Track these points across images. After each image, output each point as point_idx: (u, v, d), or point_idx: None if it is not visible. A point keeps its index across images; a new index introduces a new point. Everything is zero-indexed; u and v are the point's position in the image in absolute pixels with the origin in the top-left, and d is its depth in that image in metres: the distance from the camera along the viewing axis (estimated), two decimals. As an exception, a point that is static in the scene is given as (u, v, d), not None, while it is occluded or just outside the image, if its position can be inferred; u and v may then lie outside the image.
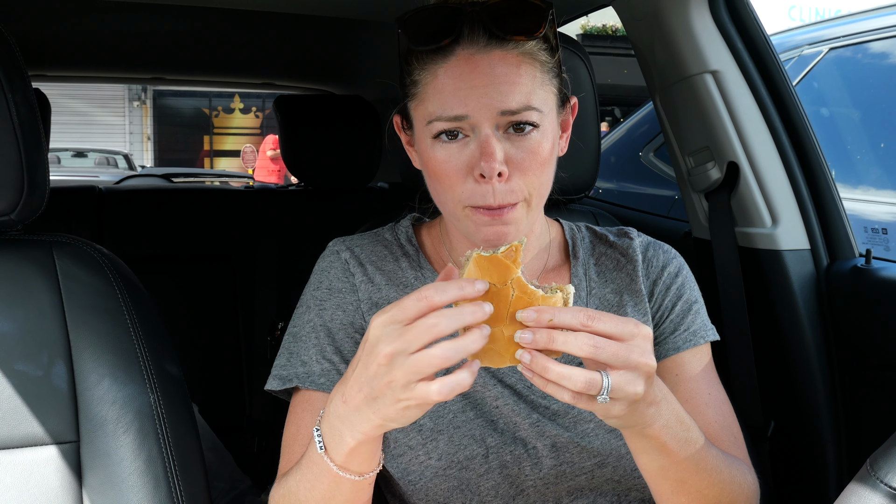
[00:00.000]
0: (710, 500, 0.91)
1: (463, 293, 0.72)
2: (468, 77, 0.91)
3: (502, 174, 0.91)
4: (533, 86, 0.94)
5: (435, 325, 0.70)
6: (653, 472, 0.88)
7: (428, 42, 0.93)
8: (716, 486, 0.90)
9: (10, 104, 1.02)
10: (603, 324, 0.73)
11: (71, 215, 2.39)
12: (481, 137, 0.92)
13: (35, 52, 2.57)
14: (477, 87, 0.91)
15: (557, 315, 0.73)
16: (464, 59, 0.92)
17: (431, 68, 0.94)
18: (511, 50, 0.93)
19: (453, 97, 0.92)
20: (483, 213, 0.93)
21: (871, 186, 2.47)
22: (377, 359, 0.72)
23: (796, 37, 2.74)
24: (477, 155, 0.92)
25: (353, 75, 3.02)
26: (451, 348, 0.71)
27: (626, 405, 0.76)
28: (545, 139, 0.95)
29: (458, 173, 0.93)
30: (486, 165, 0.90)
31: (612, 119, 8.91)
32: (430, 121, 0.93)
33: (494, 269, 0.75)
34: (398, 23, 0.95)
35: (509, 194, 0.92)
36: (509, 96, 0.91)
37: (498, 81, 0.91)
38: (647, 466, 0.88)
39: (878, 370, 1.50)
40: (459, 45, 0.93)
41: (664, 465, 0.86)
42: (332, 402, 0.80)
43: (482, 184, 0.92)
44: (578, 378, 0.72)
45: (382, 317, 0.73)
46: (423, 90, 0.95)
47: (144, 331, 1.09)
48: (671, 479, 0.88)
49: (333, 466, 0.81)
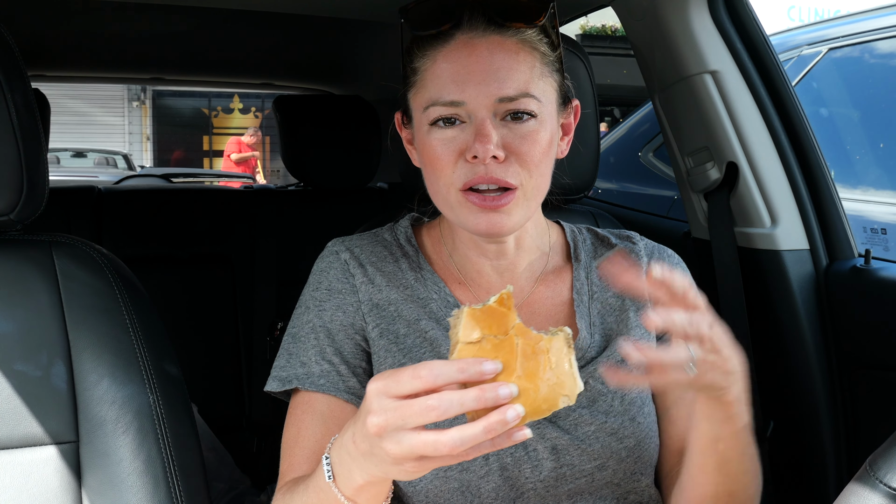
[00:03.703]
0: (739, 487, 0.94)
1: (464, 377, 0.67)
2: (466, 62, 0.92)
3: (497, 157, 0.91)
4: (532, 75, 0.94)
5: (434, 408, 0.66)
6: (705, 444, 0.90)
7: (428, 27, 0.94)
8: (747, 474, 0.93)
9: (10, 104, 1.02)
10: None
11: (70, 215, 2.38)
12: (477, 121, 0.92)
13: (34, 52, 2.57)
14: (474, 73, 0.91)
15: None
16: (462, 44, 0.93)
17: (431, 54, 0.95)
18: (510, 37, 0.94)
19: (451, 82, 0.92)
20: (476, 197, 0.93)
21: (870, 186, 2.47)
22: (369, 427, 0.69)
23: (796, 37, 2.75)
24: (472, 139, 0.92)
25: (353, 75, 3.02)
26: (458, 439, 0.66)
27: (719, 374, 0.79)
28: (543, 130, 0.95)
29: (451, 157, 0.93)
30: (479, 147, 0.90)
31: (611, 119, 8.91)
32: (428, 106, 0.94)
33: (492, 320, 0.72)
34: (401, 12, 0.95)
35: (503, 174, 0.92)
36: (506, 83, 0.91)
37: (495, 67, 0.92)
38: (704, 435, 0.90)
39: (877, 370, 1.50)
40: (459, 30, 0.93)
41: (719, 437, 0.88)
42: (345, 436, 0.77)
43: (475, 165, 0.92)
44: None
45: (377, 384, 0.70)
46: (422, 77, 0.96)
47: (144, 331, 1.09)
48: (719, 454, 0.90)
49: (342, 498, 0.79)
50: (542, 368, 0.71)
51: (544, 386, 0.70)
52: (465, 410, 0.67)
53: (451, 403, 0.66)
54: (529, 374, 0.70)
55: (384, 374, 0.70)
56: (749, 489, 0.96)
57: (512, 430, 0.68)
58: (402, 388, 0.68)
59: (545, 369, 0.71)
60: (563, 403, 0.71)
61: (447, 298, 1.04)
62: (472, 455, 0.69)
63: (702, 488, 0.95)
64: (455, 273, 1.07)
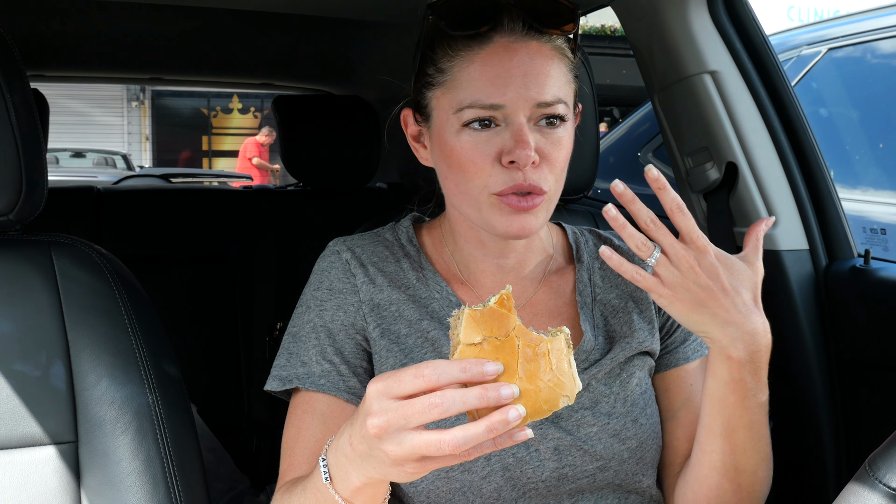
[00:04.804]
0: (747, 465, 0.95)
1: (466, 376, 0.68)
2: (507, 66, 0.92)
3: (535, 163, 0.92)
4: (563, 81, 0.95)
5: (437, 405, 0.66)
6: (712, 402, 0.93)
7: (466, 27, 0.93)
8: (757, 454, 0.95)
9: (9, 104, 1.02)
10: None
11: (69, 215, 2.38)
12: (515, 126, 0.92)
13: (33, 52, 2.56)
14: (515, 77, 0.91)
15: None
16: (502, 47, 0.92)
17: (466, 55, 0.94)
18: (545, 43, 0.94)
19: (491, 85, 0.92)
20: (512, 200, 0.93)
21: (869, 187, 2.47)
22: (369, 429, 0.69)
23: (795, 37, 2.75)
24: (510, 143, 0.92)
25: (352, 75, 3.02)
26: (462, 437, 0.66)
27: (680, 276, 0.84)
28: (567, 134, 0.97)
29: (486, 160, 0.93)
30: (520, 153, 0.90)
31: (610, 119, 8.93)
32: (462, 108, 0.93)
33: (494, 322, 0.72)
34: (429, 9, 0.95)
35: (540, 180, 0.93)
36: (545, 88, 0.92)
37: (535, 73, 0.92)
38: (711, 392, 0.93)
39: (877, 370, 1.50)
40: (497, 33, 0.93)
41: (725, 400, 0.91)
42: (341, 437, 0.77)
43: (512, 170, 0.92)
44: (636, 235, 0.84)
45: (378, 385, 0.70)
46: (454, 77, 0.95)
47: (143, 331, 1.08)
48: (724, 418, 0.92)
49: (340, 500, 0.80)
50: (542, 370, 0.71)
51: (545, 387, 0.71)
52: (468, 409, 0.67)
53: (453, 401, 0.66)
54: (530, 375, 0.70)
55: (385, 376, 0.70)
56: (758, 472, 0.96)
57: (514, 431, 0.68)
58: (403, 388, 0.68)
59: (546, 371, 0.71)
60: (564, 403, 0.72)
61: (449, 298, 1.04)
62: (474, 455, 0.69)
63: (708, 457, 0.96)
64: (457, 273, 1.07)
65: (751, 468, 0.96)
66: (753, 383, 0.90)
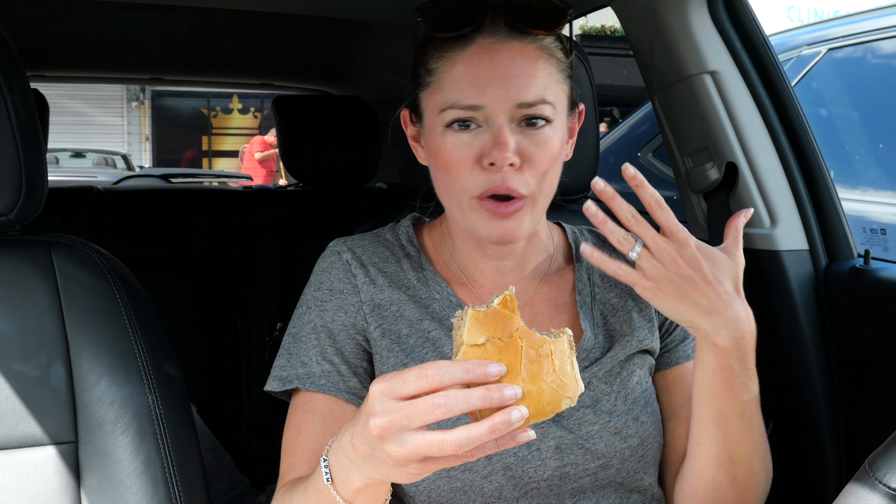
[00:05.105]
0: (740, 455, 0.95)
1: (470, 377, 0.68)
2: (487, 67, 0.92)
3: (514, 164, 0.92)
4: (549, 81, 0.95)
5: (440, 405, 0.66)
6: (702, 391, 0.93)
7: (449, 29, 0.93)
8: (751, 443, 0.95)
9: (9, 104, 1.02)
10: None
11: (69, 216, 2.38)
12: (494, 128, 0.92)
13: (33, 52, 2.57)
14: (495, 78, 0.91)
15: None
16: (483, 48, 0.93)
17: (449, 56, 0.94)
18: (530, 43, 0.94)
19: (471, 86, 0.92)
20: (490, 204, 0.93)
21: (869, 187, 2.47)
22: (371, 429, 0.69)
23: (795, 37, 2.75)
24: (489, 145, 0.92)
25: (352, 76, 3.02)
26: (465, 438, 0.66)
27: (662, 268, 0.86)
28: (556, 136, 0.95)
29: (467, 162, 0.93)
30: (498, 154, 0.90)
31: (610, 120, 8.93)
32: (444, 108, 0.94)
33: (496, 323, 0.72)
34: (418, 11, 0.95)
35: (520, 183, 0.93)
36: (526, 89, 0.92)
37: (516, 73, 0.92)
38: (700, 382, 0.93)
39: (877, 370, 1.50)
40: (480, 35, 0.93)
41: (714, 389, 0.91)
42: (343, 438, 0.77)
43: (492, 172, 0.92)
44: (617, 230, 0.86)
45: (381, 385, 0.70)
46: (439, 78, 0.95)
47: (143, 331, 1.08)
48: (715, 407, 0.93)
49: (341, 500, 0.79)
50: (546, 371, 0.71)
51: (548, 388, 0.71)
52: (471, 409, 0.67)
53: (456, 401, 0.66)
54: (533, 377, 0.70)
55: (388, 376, 0.70)
56: (752, 462, 0.96)
57: (516, 432, 0.69)
58: (407, 388, 0.68)
59: (549, 372, 0.71)
60: (566, 405, 0.72)
61: (449, 299, 1.04)
62: (476, 456, 0.69)
63: (702, 448, 0.96)
64: (457, 273, 1.07)
65: (745, 458, 0.96)
66: (741, 370, 0.90)
